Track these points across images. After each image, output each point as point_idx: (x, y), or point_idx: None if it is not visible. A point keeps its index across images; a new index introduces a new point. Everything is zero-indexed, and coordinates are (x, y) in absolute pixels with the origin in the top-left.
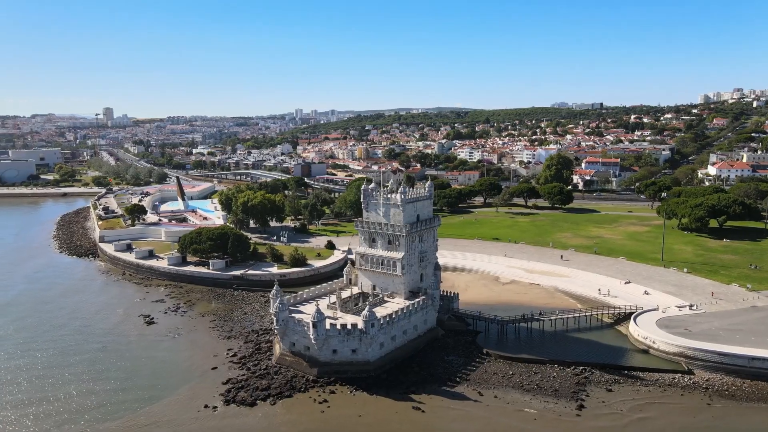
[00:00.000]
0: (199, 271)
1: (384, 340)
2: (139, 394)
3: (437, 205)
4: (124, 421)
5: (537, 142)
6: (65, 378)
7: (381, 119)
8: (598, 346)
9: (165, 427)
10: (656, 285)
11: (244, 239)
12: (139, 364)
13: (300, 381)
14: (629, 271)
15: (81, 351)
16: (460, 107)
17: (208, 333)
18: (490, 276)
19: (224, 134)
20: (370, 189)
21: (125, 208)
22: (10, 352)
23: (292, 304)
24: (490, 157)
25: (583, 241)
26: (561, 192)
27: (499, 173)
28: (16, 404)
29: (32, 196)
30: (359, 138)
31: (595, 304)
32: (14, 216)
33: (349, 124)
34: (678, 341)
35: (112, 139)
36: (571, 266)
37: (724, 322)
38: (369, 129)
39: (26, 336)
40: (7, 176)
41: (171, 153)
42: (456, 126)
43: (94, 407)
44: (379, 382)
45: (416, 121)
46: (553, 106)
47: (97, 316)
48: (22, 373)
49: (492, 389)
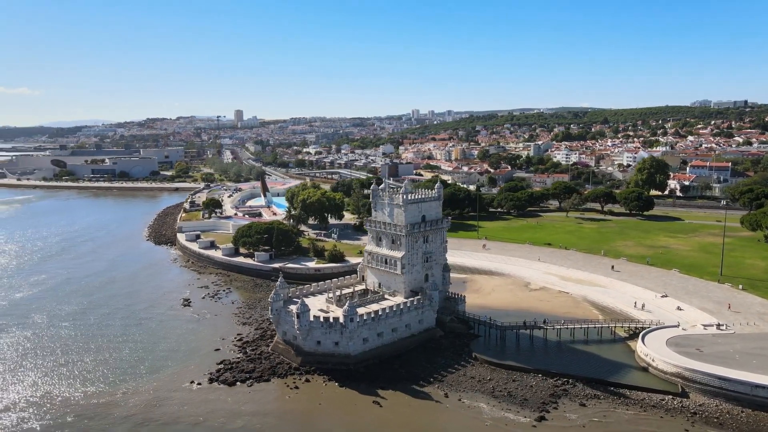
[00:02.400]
0: (246, 262)
1: (368, 336)
2: (139, 365)
3: (504, 208)
4: (108, 387)
5: (647, 143)
6: (89, 345)
7: (493, 120)
8: (595, 360)
9: (143, 395)
10: (696, 301)
11: (288, 234)
12: (156, 339)
13: (283, 368)
14: (675, 284)
15: (117, 325)
16: (585, 107)
17: (228, 318)
18: (522, 281)
19: (338, 135)
20: (378, 189)
21: (203, 202)
22: (62, 317)
23: (296, 295)
24: (587, 159)
25: (643, 251)
26: (639, 197)
27: (591, 177)
28: (34, 362)
29: (151, 190)
30: (465, 139)
31: (617, 317)
32: (130, 207)
33: (460, 124)
34: (678, 361)
35: (238, 138)
36: (612, 276)
37: (750, 345)
38: (479, 130)
39: (82, 308)
40: (133, 172)
41: (281, 152)
42: (571, 127)
43: (95, 373)
44: (356, 375)
45: (529, 121)
46: (693, 104)
47: (146, 296)
48: (60, 337)
49: (461, 392)
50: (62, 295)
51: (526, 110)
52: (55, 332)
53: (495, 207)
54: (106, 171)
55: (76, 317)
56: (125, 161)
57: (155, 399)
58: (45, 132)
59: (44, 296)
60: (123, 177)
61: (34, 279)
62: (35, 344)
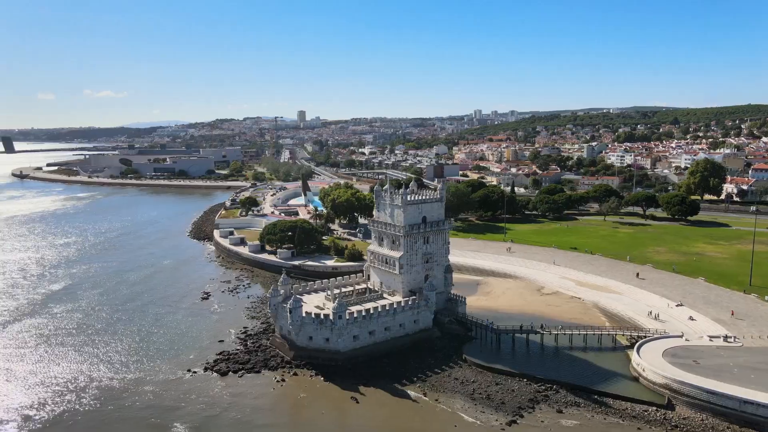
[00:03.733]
0: (269, 259)
1: (359, 334)
2: (144, 352)
3: (539, 210)
4: (110, 372)
5: (714, 145)
6: (105, 330)
7: (555, 120)
8: (587, 367)
9: (137, 379)
10: (712, 311)
11: (311, 233)
12: (166, 329)
13: (276, 361)
14: (697, 293)
15: (133, 314)
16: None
17: (240, 312)
18: (536, 285)
19: (397, 135)
20: (381, 190)
21: (240, 200)
22: (90, 305)
23: (299, 292)
24: (642, 161)
25: (675, 258)
26: (682, 202)
27: (644, 179)
28: (41, 341)
29: (206, 188)
30: (523, 140)
31: (624, 324)
32: (184, 203)
33: (520, 125)
34: (667, 372)
35: (299, 139)
36: (631, 283)
37: (754, 359)
38: (539, 131)
39: (111, 297)
40: (190, 171)
41: (336, 152)
42: (637, 127)
43: (104, 357)
44: (343, 371)
45: (593, 122)
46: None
47: (170, 289)
48: (79, 323)
49: (440, 393)
50: (94, 285)
51: (592, 110)
52: (72, 319)
53: (530, 210)
54: (166, 169)
55: (98, 306)
56: (184, 160)
57: (146, 383)
58: (124, 132)
59: (78, 287)
60: (181, 175)
61: (83, 268)
62: (53, 329)
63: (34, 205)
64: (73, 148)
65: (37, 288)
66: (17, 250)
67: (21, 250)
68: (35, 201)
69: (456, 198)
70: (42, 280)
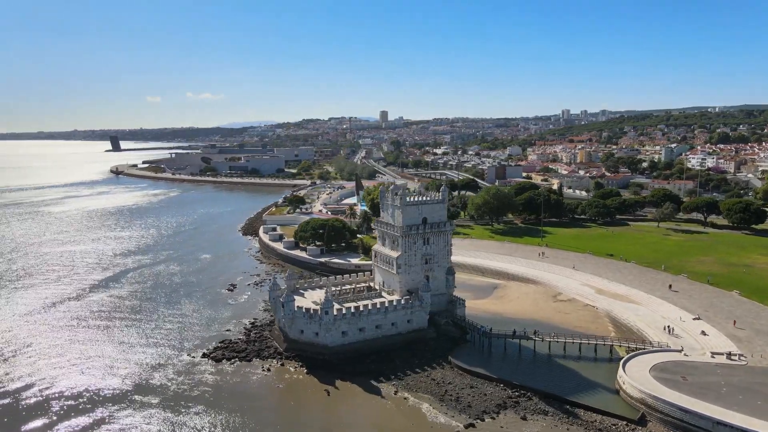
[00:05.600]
0: (299, 255)
1: (348, 330)
2: (154, 337)
3: (587, 215)
4: (115, 352)
5: None
6: (128, 316)
7: (646, 120)
8: (571, 376)
9: (139, 364)
10: (729, 326)
11: (341, 231)
12: (183, 316)
13: (269, 351)
14: (723, 307)
15: (161, 301)
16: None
17: (257, 304)
18: (554, 291)
19: (476, 136)
20: (386, 191)
21: (288, 198)
22: (125, 293)
23: (305, 287)
24: (725, 165)
25: (718, 269)
26: (746, 209)
27: (723, 183)
28: (68, 323)
29: (274, 186)
30: (607, 141)
31: (631, 336)
32: (250, 200)
33: (607, 125)
34: (645, 386)
35: (378, 139)
36: (655, 293)
37: (753, 379)
38: (626, 131)
39: (146, 285)
40: (262, 169)
41: (408, 152)
42: (740, 128)
43: (114, 339)
44: (328, 365)
45: (689, 122)
46: None
47: (202, 280)
48: (109, 308)
49: (411, 392)
50: (136, 275)
51: (689, 110)
52: (103, 304)
53: (579, 214)
54: (240, 167)
55: (131, 293)
56: (257, 159)
57: (143, 364)
58: (219, 132)
59: (121, 275)
60: (253, 173)
61: (134, 258)
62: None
63: (117, 200)
64: (168, 147)
65: (87, 275)
66: (84, 241)
67: (86, 242)
68: (120, 196)
69: (496, 200)
70: (94, 268)
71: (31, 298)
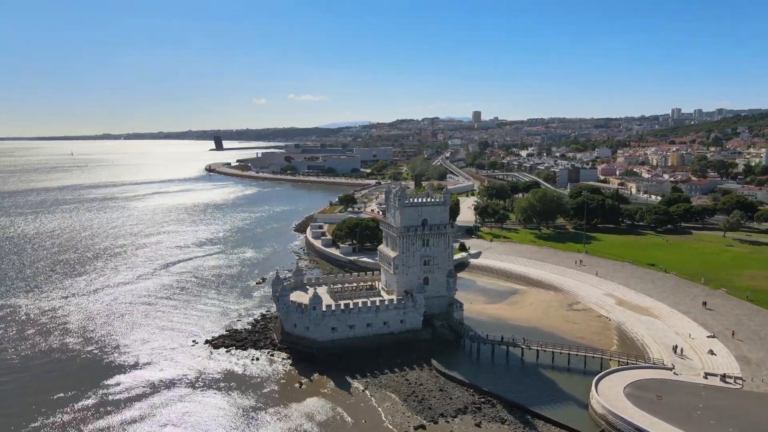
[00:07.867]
0: (333, 253)
1: (338, 326)
2: (170, 322)
3: (645, 221)
4: (132, 333)
5: None
6: (158, 301)
7: (765, 120)
8: (545, 387)
9: (145, 342)
10: (744, 346)
11: (374, 230)
12: (205, 305)
13: (265, 342)
14: (750, 325)
15: (194, 290)
16: None
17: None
18: (571, 299)
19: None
20: (390, 192)
21: (341, 197)
22: (165, 282)
23: (312, 283)
24: None
25: (766, 285)
26: None
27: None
28: (105, 309)
29: (347, 185)
30: (712, 142)
31: (632, 351)
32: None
33: (718, 125)
34: (609, 403)
35: (467, 139)
36: (678, 307)
37: (738, 404)
38: (740, 132)
39: (186, 276)
40: (338, 169)
41: (491, 153)
42: None
43: (139, 323)
44: (313, 359)
45: None
46: None
47: (239, 272)
48: (147, 295)
49: (379, 390)
50: (183, 267)
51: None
52: (142, 292)
53: (637, 220)
54: (318, 167)
55: (170, 284)
56: (334, 159)
57: (148, 345)
58: (316, 132)
59: (169, 267)
60: (329, 172)
61: (188, 251)
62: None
63: (197, 198)
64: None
65: (137, 267)
66: (155, 234)
67: (156, 234)
68: (202, 194)
69: (542, 204)
70: (151, 260)
71: (82, 283)
